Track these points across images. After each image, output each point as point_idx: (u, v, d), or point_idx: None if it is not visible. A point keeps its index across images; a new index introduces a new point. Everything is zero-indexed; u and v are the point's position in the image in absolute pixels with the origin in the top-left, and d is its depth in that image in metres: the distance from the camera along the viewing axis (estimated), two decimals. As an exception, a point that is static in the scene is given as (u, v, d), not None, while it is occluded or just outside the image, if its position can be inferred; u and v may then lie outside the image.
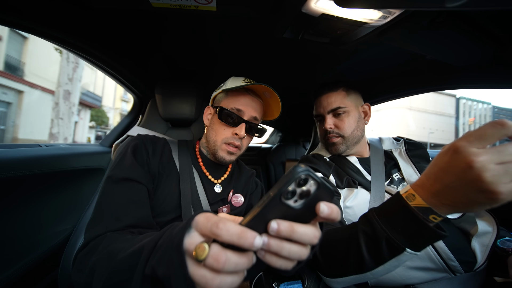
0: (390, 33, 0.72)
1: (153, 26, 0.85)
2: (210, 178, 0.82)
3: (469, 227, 0.76)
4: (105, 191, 0.61)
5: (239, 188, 0.87)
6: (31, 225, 0.94)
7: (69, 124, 5.28)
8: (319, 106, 0.97)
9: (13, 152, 0.84)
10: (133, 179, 0.63)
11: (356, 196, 0.82)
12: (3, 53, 9.73)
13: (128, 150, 0.69)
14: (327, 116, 0.93)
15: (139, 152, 0.70)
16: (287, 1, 0.64)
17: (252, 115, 0.78)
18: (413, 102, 41.73)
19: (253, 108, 0.79)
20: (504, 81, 0.88)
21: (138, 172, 0.65)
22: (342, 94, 0.93)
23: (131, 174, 0.64)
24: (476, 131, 0.38)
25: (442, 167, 0.41)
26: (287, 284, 0.73)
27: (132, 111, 1.51)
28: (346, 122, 0.91)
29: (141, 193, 0.63)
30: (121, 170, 0.64)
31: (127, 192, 0.61)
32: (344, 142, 0.91)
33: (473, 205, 0.39)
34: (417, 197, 0.44)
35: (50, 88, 11.10)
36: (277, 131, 2.92)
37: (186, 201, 0.72)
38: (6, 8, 0.68)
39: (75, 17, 0.78)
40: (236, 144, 0.77)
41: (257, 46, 0.97)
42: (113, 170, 0.65)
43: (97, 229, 0.53)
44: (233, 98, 0.78)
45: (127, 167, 0.65)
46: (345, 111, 0.91)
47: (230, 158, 0.79)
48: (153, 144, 0.76)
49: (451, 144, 0.41)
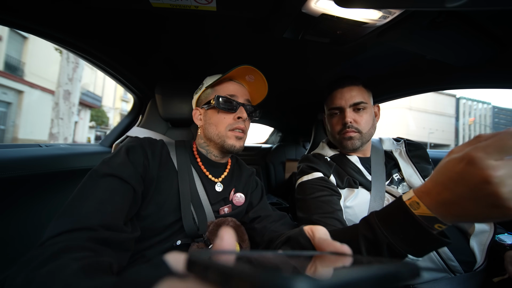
0: (390, 33, 0.72)
1: (153, 26, 0.85)
2: (210, 177, 0.81)
3: (467, 226, 0.76)
4: (85, 185, 0.56)
5: (240, 187, 0.87)
6: (31, 225, 0.94)
7: (69, 124, 5.29)
8: (339, 98, 0.91)
9: (13, 152, 0.84)
10: (120, 177, 0.58)
11: (356, 196, 0.82)
12: (3, 53, 9.74)
13: (122, 149, 0.66)
14: (348, 110, 0.89)
15: (134, 152, 0.67)
16: (287, 1, 0.64)
17: (245, 98, 0.81)
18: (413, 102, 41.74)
19: (243, 92, 0.81)
20: (504, 81, 0.88)
21: (127, 171, 0.61)
22: (362, 89, 0.91)
23: (119, 171, 0.59)
24: (495, 140, 0.34)
25: (453, 178, 0.38)
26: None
27: (132, 111, 1.51)
28: (364, 118, 0.89)
29: (123, 194, 0.58)
30: (108, 167, 0.59)
31: (107, 190, 0.55)
32: (360, 138, 0.90)
33: (484, 218, 0.37)
34: (421, 206, 0.42)
35: (50, 88, 11.10)
36: (277, 131, 2.92)
37: (185, 202, 0.71)
38: (6, 8, 0.68)
39: (75, 17, 0.78)
40: (241, 127, 0.78)
41: (257, 46, 0.97)
42: (99, 165, 0.60)
43: (63, 224, 0.46)
44: (221, 89, 0.80)
45: (117, 164, 0.61)
46: (365, 107, 0.90)
47: (240, 144, 0.79)
48: (152, 146, 0.73)
49: (466, 154, 0.36)
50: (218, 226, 0.71)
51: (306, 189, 0.84)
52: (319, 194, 0.80)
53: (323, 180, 0.85)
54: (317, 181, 0.85)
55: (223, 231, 0.24)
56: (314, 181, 0.85)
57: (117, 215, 0.54)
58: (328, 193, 0.81)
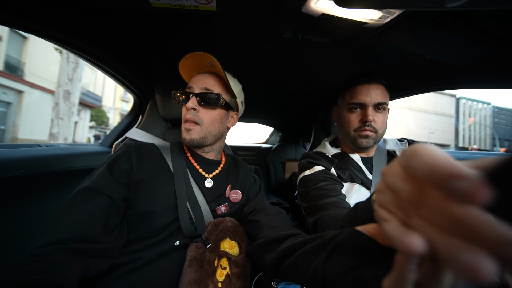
0: (390, 33, 0.72)
1: (153, 26, 0.85)
2: (201, 171, 0.81)
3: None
4: (67, 201, 0.61)
5: (236, 184, 0.87)
6: (32, 225, 0.94)
7: (69, 124, 5.29)
8: (364, 94, 0.87)
9: (13, 152, 0.84)
10: (97, 190, 0.62)
11: (357, 193, 0.83)
12: (3, 53, 9.74)
13: (107, 161, 0.70)
14: (370, 108, 0.87)
15: (117, 162, 0.70)
16: (287, 1, 0.64)
17: (203, 86, 0.78)
18: (413, 102, 41.72)
19: (202, 81, 0.78)
20: (504, 81, 0.88)
21: (105, 182, 0.64)
22: (385, 90, 0.89)
23: (96, 184, 0.63)
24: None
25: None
26: (286, 284, 0.73)
27: (132, 111, 1.51)
28: (382, 119, 0.88)
29: (99, 207, 0.61)
30: (90, 181, 0.64)
31: (83, 204, 0.60)
32: (375, 138, 0.89)
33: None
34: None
35: (50, 88, 11.10)
36: (277, 131, 2.92)
37: (182, 201, 0.72)
38: (6, 8, 0.68)
39: (75, 17, 0.78)
40: (188, 117, 0.76)
41: (257, 46, 0.97)
42: (85, 180, 0.65)
43: (44, 238, 0.53)
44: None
45: (96, 177, 0.65)
46: (385, 108, 0.88)
47: (189, 137, 0.76)
48: (139, 150, 0.76)
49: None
50: (216, 226, 0.71)
51: (309, 181, 0.84)
52: (322, 184, 0.80)
53: (324, 172, 0.85)
54: (319, 173, 0.85)
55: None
56: (316, 174, 0.85)
57: (91, 227, 0.58)
58: (330, 182, 0.81)
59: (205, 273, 0.63)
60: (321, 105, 1.59)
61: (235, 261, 0.69)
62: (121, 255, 0.63)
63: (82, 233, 0.56)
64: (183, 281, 0.61)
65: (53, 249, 0.51)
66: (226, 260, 0.68)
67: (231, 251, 0.70)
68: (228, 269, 0.67)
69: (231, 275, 0.67)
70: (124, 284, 0.60)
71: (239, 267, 0.69)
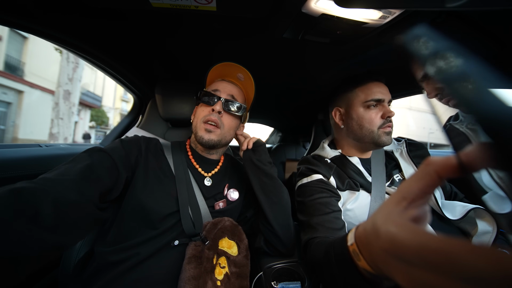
0: (390, 33, 0.72)
1: (153, 27, 0.85)
2: (200, 170, 0.83)
3: (469, 228, 0.76)
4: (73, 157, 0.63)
5: (234, 183, 0.89)
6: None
7: (69, 124, 5.29)
8: (379, 91, 0.88)
9: (13, 152, 0.84)
10: (105, 151, 0.66)
11: (357, 199, 0.82)
12: (3, 53, 9.73)
13: (118, 139, 0.76)
14: (386, 104, 0.88)
15: (130, 143, 0.75)
16: (287, 1, 0.64)
17: (229, 94, 0.83)
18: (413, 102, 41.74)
19: (228, 89, 0.84)
20: (504, 81, 0.88)
21: (118, 152, 0.68)
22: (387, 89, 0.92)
23: (109, 150, 0.67)
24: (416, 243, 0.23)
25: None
26: (286, 283, 0.73)
27: (132, 111, 1.51)
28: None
29: (109, 166, 0.64)
30: (101, 147, 0.68)
31: (92, 161, 0.62)
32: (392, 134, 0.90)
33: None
34: (361, 259, 0.32)
35: (50, 88, 11.10)
36: (277, 131, 2.92)
37: (183, 202, 0.73)
38: (6, 8, 0.68)
39: (75, 17, 0.78)
40: (212, 119, 0.78)
41: (257, 46, 0.97)
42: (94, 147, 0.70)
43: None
44: (210, 85, 0.88)
45: (109, 147, 0.69)
46: (390, 105, 0.91)
47: (208, 137, 0.78)
48: (147, 142, 0.81)
49: (382, 236, 0.27)
50: (214, 225, 0.72)
51: (306, 191, 0.84)
52: (318, 196, 0.80)
53: (322, 182, 0.85)
54: (316, 183, 0.84)
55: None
56: (313, 183, 0.85)
57: (93, 186, 0.58)
58: (327, 194, 0.81)
59: (204, 269, 0.63)
60: (321, 105, 1.59)
61: (234, 261, 0.69)
62: (117, 252, 0.63)
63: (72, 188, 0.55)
64: (182, 278, 0.62)
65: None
66: (225, 259, 0.68)
67: (230, 251, 0.70)
68: (227, 268, 0.67)
69: (230, 274, 0.67)
70: (123, 283, 0.60)
71: (238, 266, 0.69)
